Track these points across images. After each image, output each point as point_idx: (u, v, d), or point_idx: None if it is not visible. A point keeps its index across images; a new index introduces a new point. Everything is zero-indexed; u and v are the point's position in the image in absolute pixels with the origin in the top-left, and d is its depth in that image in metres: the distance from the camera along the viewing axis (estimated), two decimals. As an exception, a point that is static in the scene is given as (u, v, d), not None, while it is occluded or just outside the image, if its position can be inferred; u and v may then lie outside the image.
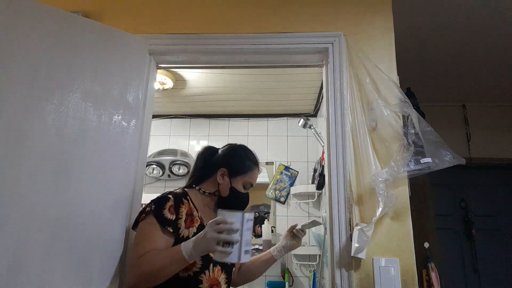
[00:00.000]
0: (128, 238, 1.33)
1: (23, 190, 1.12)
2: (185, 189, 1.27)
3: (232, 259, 0.95)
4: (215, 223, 0.96)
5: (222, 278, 1.19)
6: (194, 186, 1.29)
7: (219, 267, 1.18)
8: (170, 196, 1.16)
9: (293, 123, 3.19)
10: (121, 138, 1.36)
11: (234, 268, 1.30)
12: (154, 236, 1.08)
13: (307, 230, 1.46)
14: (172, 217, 1.11)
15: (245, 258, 0.96)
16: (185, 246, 1.01)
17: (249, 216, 0.98)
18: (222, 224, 0.95)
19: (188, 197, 1.21)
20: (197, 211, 1.21)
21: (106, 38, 1.40)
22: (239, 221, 0.95)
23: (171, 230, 1.10)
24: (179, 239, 1.11)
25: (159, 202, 1.13)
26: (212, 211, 1.28)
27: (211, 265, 1.15)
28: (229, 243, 0.94)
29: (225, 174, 1.26)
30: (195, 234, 1.13)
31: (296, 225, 1.44)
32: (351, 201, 1.35)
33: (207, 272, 1.13)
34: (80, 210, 1.21)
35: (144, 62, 1.51)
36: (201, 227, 1.18)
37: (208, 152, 1.36)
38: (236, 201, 1.25)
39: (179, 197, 1.17)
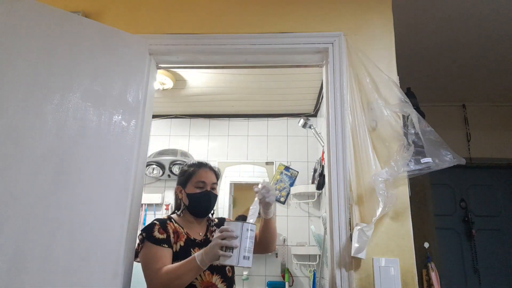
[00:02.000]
0: (128, 238, 1.33)
1: (23, 190, 1.13)
2: (170, 215, 1.44)
3: (231, 262, 1.07)
4: (220, 231, 1.10)
5: (216, 279, 1.31)
6: (175, 212, 1.47)
7: (208, 271, 1.30)
8: (155, 221, 1.33)
9: (293, 123, 3.19)
10: (121, 138, 1.36)
11: (228, 267, 1.38)
12: (158, 254, 1.24)
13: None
14: (163, 236, 1.28)
15: (244, 263, 1.07)
16: (198, 255, 1.15)
17: (249, 226, 1.11)
18: (224, 232, 1.09)
19: (172, 219, 1.39)
20: (183, 229, 1.37)
21: (106, 38, 1.41)
22: (238, 229, 1.09)
23: (166, 246, 1.27)
24: (173, 253, 1.28)
25: (147, 229, 1.30)
26: (197, 224, 1.43)
27: None
28: (230, 248, 1.07)
29: (180, 189, 1.44)
30: (181, 247, 1.30)
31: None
32: (351, 201, 1.35)
33: (198, 277, 1.26)
34: (80, 210, 1.21)
35: (144, 62, 1.51)
36: (188, 240, 1.34)
37: (175, 189, 1.54)
38: (196, 201, 1.39)
39: (164, 221, 1.35)
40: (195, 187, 1.40)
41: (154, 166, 3.04)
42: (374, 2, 1.59)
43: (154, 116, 1.84)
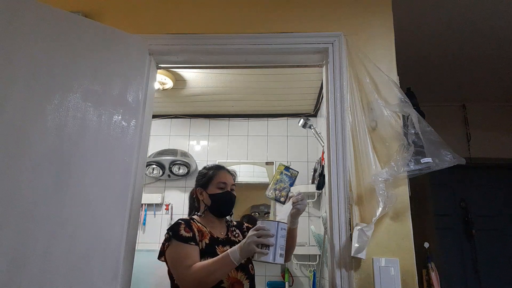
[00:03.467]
0: (128, 238, 1.33)
1: (24, 190, 1.13)
2: (192, 216, 1.48)
3: (267, 259, 1.11)
4: (256, 229, 1.14)
5: (240, 276, 1.34)
6: (195, 213, 1.51)
7: (234, 268, 1.30)
8: (180, 221, 1.35)
9: (293, 123, 3.19)
10: (121, 138, 1.36)
11: (250, 265, 1.42)
12: (187, 252, 1.26)
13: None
14: (189, 234, 1.30)
15: (279, 260, 1.12)
16: (232, 251, 1.18)
17: (283, 225, 1.16)
18: (261, 230, 1.13)
19: (194, 220, 1.42)
20: (206, 228, 1.40)
21: (106, 38, 1.40)
22: (274, 228, 1.14)
23: (193, 244, 1.29)
24: (200, 250, 1.30)
25: (174, 228, 1.32)
26: (218, 224, 1.47)
27: None
28: (266, 246, 1.11)
29: (201, 191, 1.47)
30: (206, 244, 1.33)
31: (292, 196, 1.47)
32: (351, 201, 1.35)
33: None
34: (80, 210, 1.21)
35: (144, 62, 1.51)
36: (212, 239, 1.37)
37: (193, 190, 1.59)
38: (219, 201, 1.44)
39: (188, 220, 1.38)
40: (217, 187, 1.44)
41: (154, 166, 3.04)
42: (374, 2, 1.59)
43: (154, 116, 1.84)
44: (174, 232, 1.30)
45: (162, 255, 1.33)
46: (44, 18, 1.28)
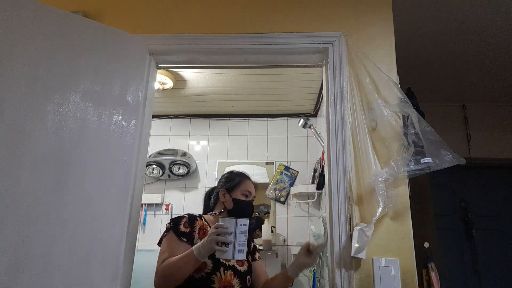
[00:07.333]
0: (128, 238, 1.33)
1: (23, 190, 1.13)
2: (202, 214, 1.50)
3: (227, 256, 1.14)
4: (215, 227, 1.16)
5: (235, 282, 1.33)
6: (208, 212, 1.55)
7: (231, 272, 1.34)
8: (185, 215, 1.40)
9: (293, 123, 3.19)
10: (121, 138, 1.36)
11: (249, 277, 1.42)
12: (172, 247, 1.30)
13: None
14: (186, 230, 1.34)
15: (239, 256, 1.15)
16: (196, 248, 1.21)
17: (243, 221, 1.17)
18: (219, 228, 1.15)
19: (202, 217, 1.45)
20: (210, 227, 1.37)
21: (106, 38, 1.40)
22: (233, 225, 1.15)
23: (185, 240, 1.32)
24: None
25: (176, 220, 1.37)
26: None
27: (222, 268, 1.32)
28: (225, 243, 1.13)
29: (225, 192, 1.50)
30: None
31: (309, 243, 1.37)
32: (351, 201, 1.35)
33: (218, 274, 1.30)
34: (80, 210, 1.21)
35: (144, 62, 1.51)
36: None
37: (210, 190, 1.66)
38: (240, 207, 1.46)
39: (194, 216, 1.41)
40: (242, 194, 1.49)
41: (154, 166, 3.04)
42: (374, 2, 1.59)
43: (154, 116, 1.84)
44: (174, 224, 1.35)
45: (160, 242, 1.36)
46: (44, 18, 1.28)
